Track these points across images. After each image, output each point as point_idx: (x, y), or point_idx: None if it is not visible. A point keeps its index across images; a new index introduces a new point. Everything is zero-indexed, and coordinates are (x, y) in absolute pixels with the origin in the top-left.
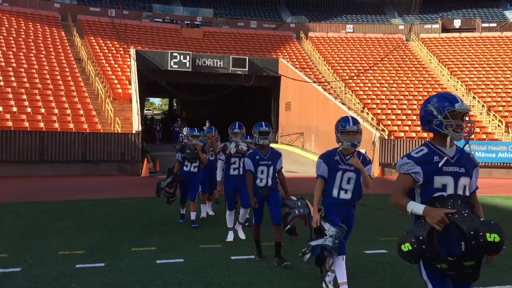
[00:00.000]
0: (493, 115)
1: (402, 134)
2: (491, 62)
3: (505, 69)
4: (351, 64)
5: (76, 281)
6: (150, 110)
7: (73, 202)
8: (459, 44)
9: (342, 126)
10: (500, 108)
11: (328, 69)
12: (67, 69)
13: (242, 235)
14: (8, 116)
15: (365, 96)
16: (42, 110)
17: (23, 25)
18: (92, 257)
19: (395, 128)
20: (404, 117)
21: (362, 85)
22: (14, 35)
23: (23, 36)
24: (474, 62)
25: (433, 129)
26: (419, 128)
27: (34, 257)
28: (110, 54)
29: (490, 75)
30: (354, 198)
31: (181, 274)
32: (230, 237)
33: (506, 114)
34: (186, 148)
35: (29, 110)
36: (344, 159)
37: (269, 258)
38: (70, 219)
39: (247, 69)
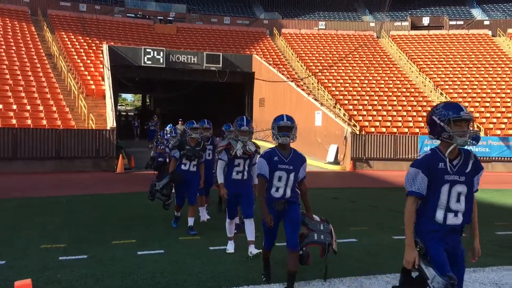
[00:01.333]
0: None
1: (372, 129)
2: (457, 59)
3: (471, 65)
4: (323, 61)
5: (61, 271)
6: (123, 106)
7: (50, 198)
8: (427, 41)
9: (454, 114)
10: (466, 104)
11: (301, 66)
12: (38, 65)
13: (231, 248)
14: None
15: (337, 92)
16: (14, 107)
17: None
18: (74, 250)
19: (366, 123)
20: (374, 112)
21: (334, 81)
22: None
23: None
24: (442, 59)
25: None
26: (389, 124)
27: (17, 251)
28: (82, 50)
29: (457, 72)
30: (464, 221)
31: (162, 264)
32: (230, 247)
33: (472, 109)
34: (185, 144)
35: (0, 106)
36: (452, 165)
37: (245, 249)
38: (49, 214)
39: (221, 65)
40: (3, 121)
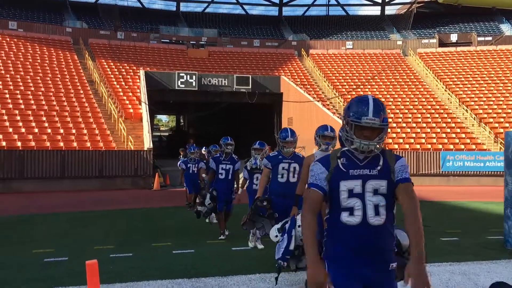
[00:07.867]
0: (483, 126)
1: (396, 146)
2: (485, 75)
3: (498, 81)
4: (350, 80)
5: (112, 264)
6: (157, 126)
7: (96, 212)
8: (455, 58)
9: None
10: (491, 120)
11: (328, 85)
12: (81, 91)
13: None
14: (30, 137)
15: None
16: (61, 131)
17: (38, 50)
18: (121, 250)
19: (390, 140)
20: (398, 130)
21: None
22: (30, 60)
23: (39, 61)
24: (469, 76)
25: None
26: (412, 140)
27: (75, 251)
28: (120, 76)
29: (483, 88)
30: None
31: (193, 260)
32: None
33: (496, 125)
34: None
35: (49, 130)
36: None
37: (265, 248)
38: (96, 225)
39: (250, 87)
40: (52, 144)
